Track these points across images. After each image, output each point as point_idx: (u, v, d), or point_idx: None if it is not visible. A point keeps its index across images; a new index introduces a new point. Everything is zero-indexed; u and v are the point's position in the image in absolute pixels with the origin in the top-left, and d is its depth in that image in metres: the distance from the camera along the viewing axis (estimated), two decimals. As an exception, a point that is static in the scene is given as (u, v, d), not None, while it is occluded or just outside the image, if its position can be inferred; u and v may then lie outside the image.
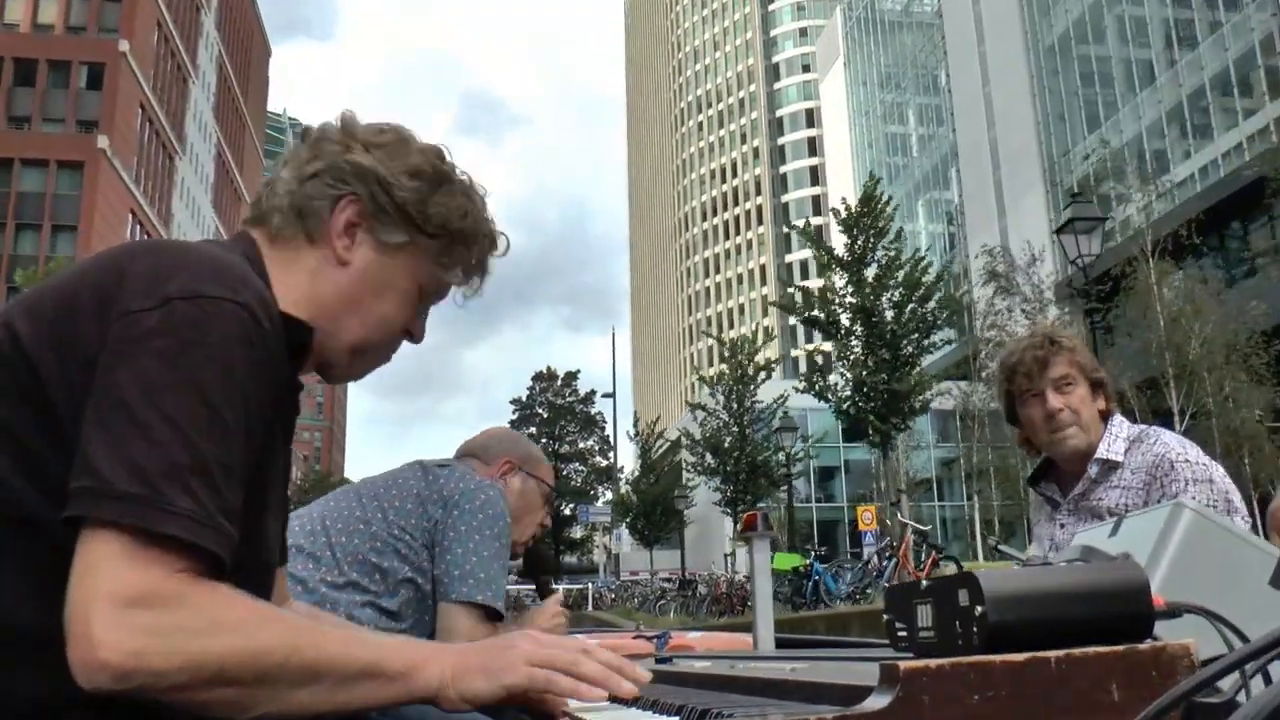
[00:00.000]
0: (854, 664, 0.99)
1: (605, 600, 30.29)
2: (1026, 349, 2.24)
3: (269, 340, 0.93)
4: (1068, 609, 0.79)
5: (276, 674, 0.85)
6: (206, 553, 0.85)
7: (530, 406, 59.21)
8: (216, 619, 0.85)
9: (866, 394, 20.39)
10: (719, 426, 30.40)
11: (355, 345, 1.09)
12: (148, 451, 0.84)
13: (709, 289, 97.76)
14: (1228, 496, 2.05)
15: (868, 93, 62.98)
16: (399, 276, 1.09)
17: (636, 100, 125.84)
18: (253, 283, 0.96)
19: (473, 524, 1.85)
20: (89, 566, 0.82)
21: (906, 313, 20.60)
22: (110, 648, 0.79)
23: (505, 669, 0.91)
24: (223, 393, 0.88)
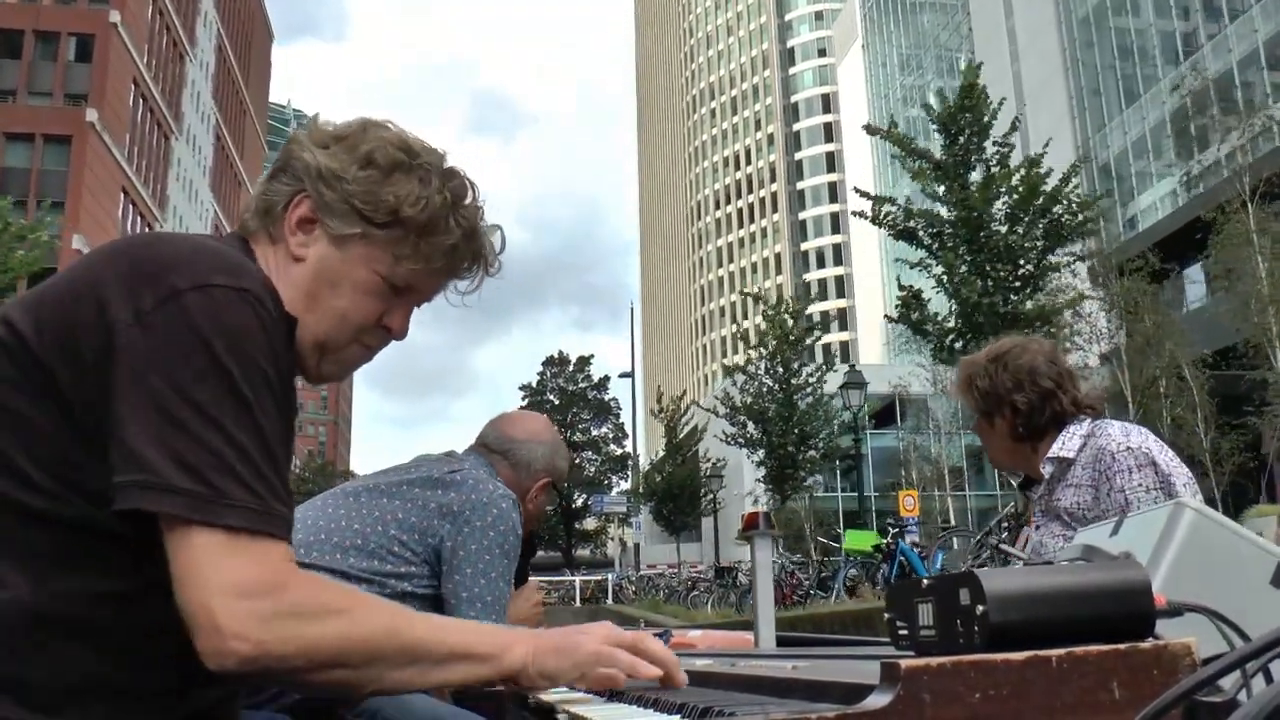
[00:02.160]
0: (855, 662, 1.00)
1: (626, 593, 29.22)
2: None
3: (278, 325, 0.98)
4: (1069, 608, 0.80)
5: (381, 656, 0.93)
6: (278, 540, 0.92)
7: (541, 393, 57.01)
8: (325, 604, 0.93)
9: (978, 323, 16.32)
10: (762, 392, 27.03)
11: (317, 341, 1.11)
12: (192, 447, 0.89)
13: (722, 278, 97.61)
14: (1169, 478, 2.09)
15: (887, 75, 62.68)
16: (353, 269, 1.10)
17: (647, 89, 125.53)
18: (254, 270, 1.01)
19: (484, 543, 1.84)
20: (195, 562, 0.89)
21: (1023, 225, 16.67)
22: (237, 637, 0.87)
23: (576, 648, 1.00)
24: (246, 378, 0.92)
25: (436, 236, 1.12)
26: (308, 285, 1.10)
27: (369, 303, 1.12)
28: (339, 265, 1.10)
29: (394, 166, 1.11)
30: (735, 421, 27.16)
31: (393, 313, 1.14)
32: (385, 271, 1.11)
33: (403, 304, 1.15)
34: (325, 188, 1.09)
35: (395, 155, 1.11)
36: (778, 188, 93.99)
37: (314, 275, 1.10)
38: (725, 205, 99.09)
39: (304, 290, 1.10)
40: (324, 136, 1.12)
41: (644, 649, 1.01)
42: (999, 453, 2.35)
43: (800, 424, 26.47)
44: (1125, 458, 2.11)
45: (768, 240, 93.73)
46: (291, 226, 1.10)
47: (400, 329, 1.16)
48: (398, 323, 1.15)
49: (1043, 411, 2.24)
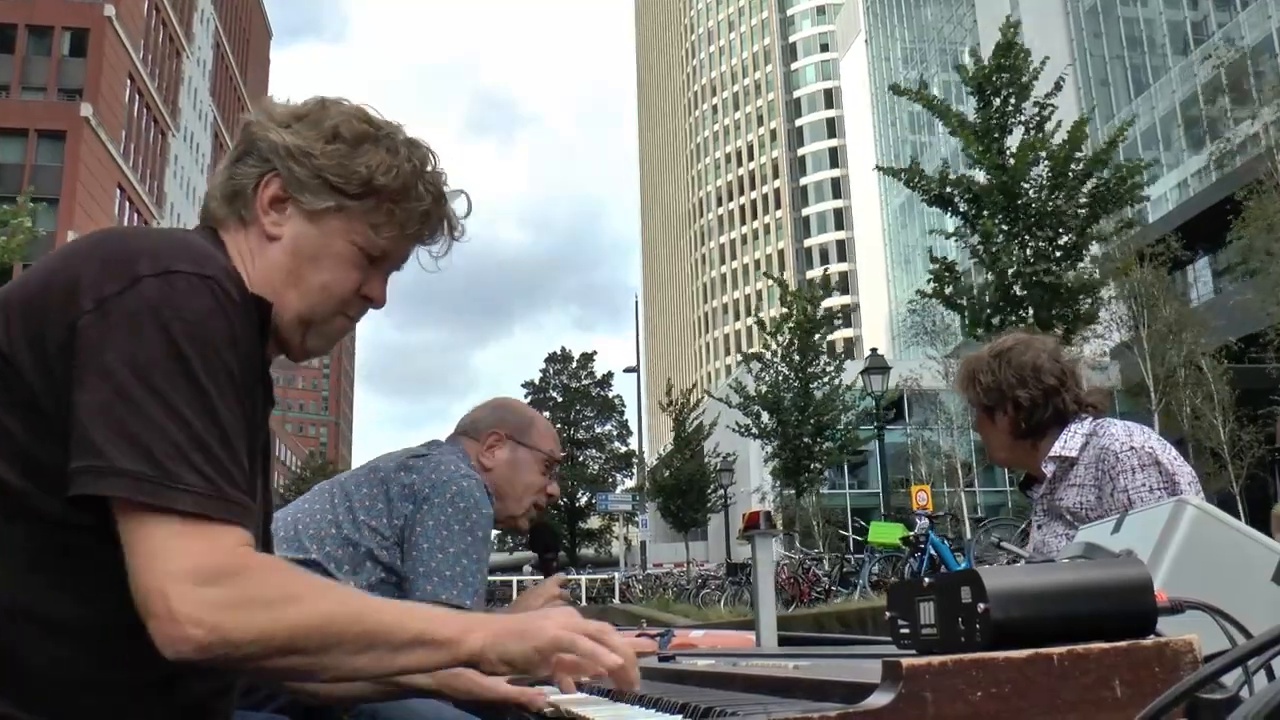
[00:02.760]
0: (857, 661, 1.01)
1: (634, 592, 28.63)
2: None
3: (241, 312, 0.98)
4: (1071, 605, 0.81)
5: (339, 642, 0.93)
6: (232, 525, 0.92)
7: (543, 389, 56.12)
8: (282, 591, 0.93)
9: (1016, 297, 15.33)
10: (778, 381, 26.00)
11: (302, 317, 1.13)
12: (145, 430, 0.89)
13: (724, 276, 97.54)
14: (1174, 478, 2.09)
15: (890, 69, 62.60)
16: (332, 242, 1.12)
17: (648, 85, 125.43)
18: (218, 258, 1.02)
19: (440, 518, 1.85)
20: (147, 548, 0.89)
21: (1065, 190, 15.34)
22: (192, 623, 0.87)
23: (536, 633, 0.99)
24: (205, 365, 0.93)
25: (409, 203, 1.14)
26: (287, 263, 1.11)
27: (349, 274, 1.14)
28: (317, 240, 1.12)
29: (360, 138, 1.13)
30: (749, 411, 26.15)
31: (370, 282, 1.16)
32: (363, 242, 1.13)
33: (379, 273, 1.17)
34: (295, 165, 1.11)
35: (360, 128, 1.13)
36: (780, 184, 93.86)
37: (292, 252, 1.11)
38: (727, 202, 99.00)
39: (284, 268, 1.11)
40: (284, 115, 1.14)
41: (606, 639, 1.00)
42: (999, 449, 2.35)
43: (817, 414, 25.46)
44: (1129, 457, 2.10)
45: (770, 237, 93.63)
46: (264, 206, 1.12)
47: (380, 297, 1.18)
48: (377, 291, 1.17)
49: (1045, 408, 2.24)
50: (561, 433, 54.28)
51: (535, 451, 2.12)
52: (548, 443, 2.16)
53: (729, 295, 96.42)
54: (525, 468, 2.11)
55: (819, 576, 16.74)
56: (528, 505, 2.10)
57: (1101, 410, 2.29)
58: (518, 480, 2.09)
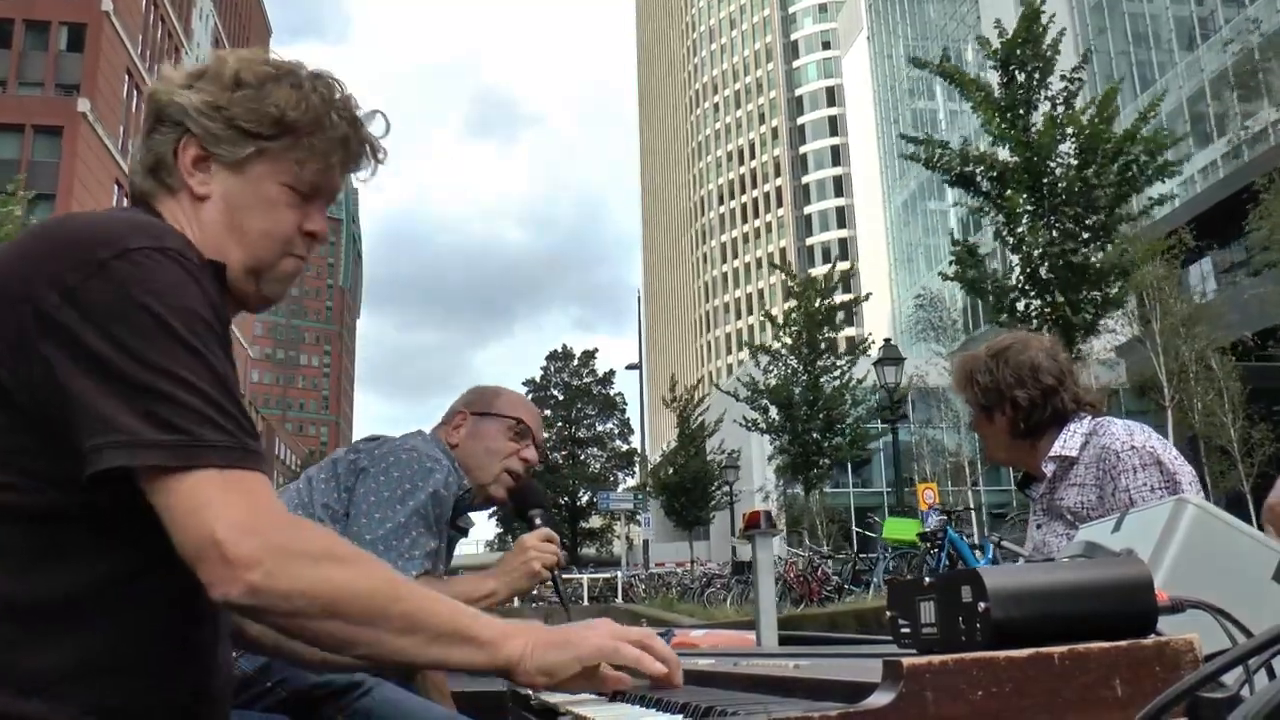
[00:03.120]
0: (857, 660, 1.01)
1: (636, 592, 28.51)
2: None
3: (205, 273, 1.00)
4: (1071, 605, 0.81)
5: (380, 616, 0.93)
6: (260, 473, 0.94)
7: (544, 388, 55.82)
8: (330, 550, 0.94)
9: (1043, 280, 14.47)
10: (787, 375, 25.53)
11: (248, 267, 1.14)
12: (159, 403, 0.91)
13: (725, 274, 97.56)
14: (1175, 477, 2.09)
15: (893, 66, 62.58)
16: (260, 187, 1.14)
17: (649, 84, 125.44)
18: (169, 229, 1.03)
19: (372, 486, 1.88)
20: (192, 504, 0.90)
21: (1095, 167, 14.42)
22: (247, 566, 0.89)
23: (580, 642, 1.00)
24: (189, 328, 0.95)
25: (326, 133, 1.15)
26: (223, 218, 1.13)
27: (286, 214, 1.15)
28: (245, 189, 1.13)
29: (264, 79, 1.14)
30: (757, 405, 25.70)
31: (309, 218, 1.18)
32: (290, 180, 1.15)
33: (315, 207, 1.18)
34: (207, 120, 1.12)
35: (262, 69, 1.15)
36: (782, 182, 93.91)
37: (225, 207, 1.13)
38: (729, 200, 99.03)
39: (221, 224, 1.13)
40: (185, 77, 1.15)
41: (650, 645, 1.01)
42: (998, 449, 2.36)
43: (826, 408, 25.00)
44: (1130, 457, 2.11)
45: (772, 235, 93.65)
46: (187, 169, 1.12)
47: (322, 230, 1.19)
48: (318, 224, 1.18)
49: (1044, 408, 2.24)
50: (562, 431, 54.31)
51: (499, 419, 2.15)
52: (513, 409, 2.18)
53: (730, 294, 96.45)
54: (487, 436, 2.13)
55: (828, 575, 16.50)
56: (496, 472, 2.12)
57: (1100, 409, 2.29)
58: (479, 449, 2.11)
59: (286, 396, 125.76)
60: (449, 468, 2.00)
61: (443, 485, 1.95)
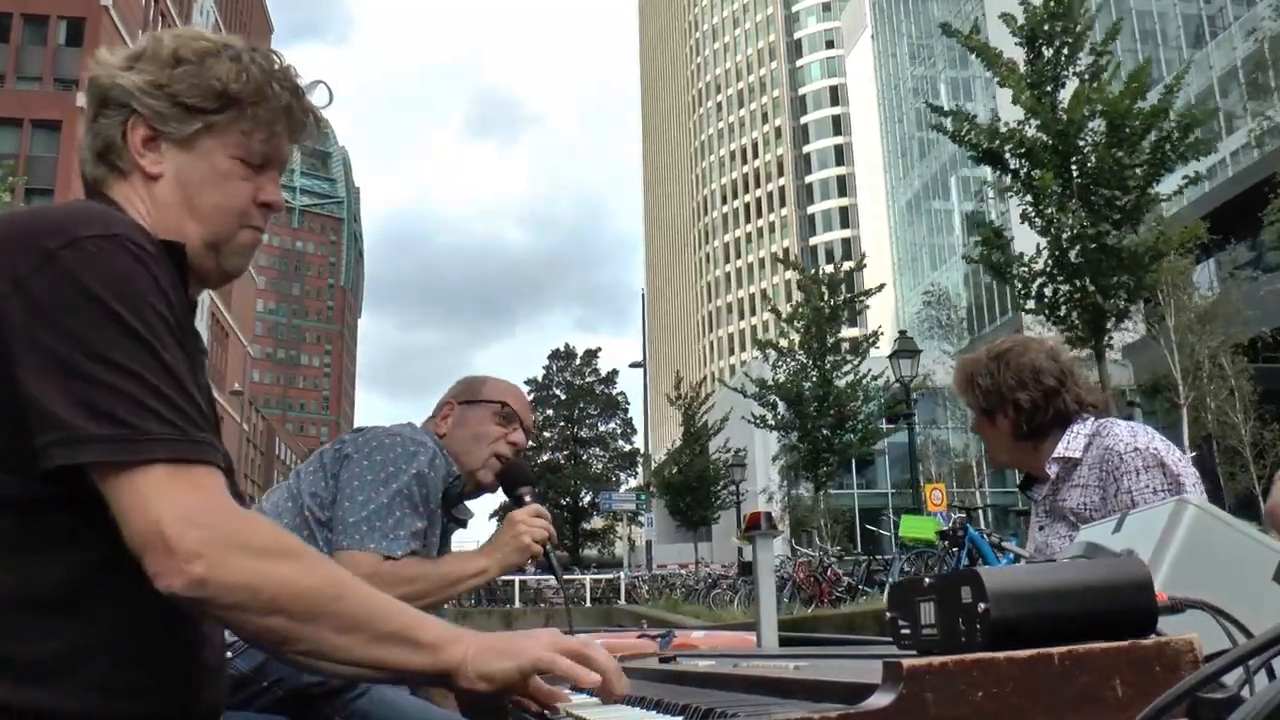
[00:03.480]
0: (857, 662, 1.01)
1: (640, 593, 28.24)
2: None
3: (158, 261, 1.00)
4: (1071, 605, 0.81)
5: (322, 614, 0.94)
6: (210, 465, 0.94)
7: (546, 387, 55.70)
8: (277, 544, 0.94)
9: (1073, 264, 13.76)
10: (796, 370, 24.73)
11: (207, 242, 1.14)
12: (102, 395, 0.91)
13: (729, 274, 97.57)
14: (1179, 480, 2.09)
15: (897, 65, 62.57)
16: (211, 162, 1.14)
17: (652, 83, 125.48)
18: (119, 216, 1.04)
19: (355, 470, 1.89)
20: (138, 497, 0.91)
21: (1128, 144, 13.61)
22: (189, 557, 0.89)
23: (520, 651, 0.99)
24: (139, 318, 0.95)
25: (269, 102, 1.16)
26: (177, 196, 1.13)
27: (239, 187, 1.16)
28: (197, 164, 1.14)
29: (203, 54, 1.15)
30: (765, 402, 24.93)
31: (263, 189, 1.18)
32: (240, 153, 1.15)
33: (267, 178, 1.19)
34: (152, 99, 1.12)
35: (199, 45, 1.16)
36: (785, 181, 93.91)
37: (178, 184, 1.13)
38: (732, 200, 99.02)
39: (176, 202, 1.13)
40: (124, 60, 1.16)
41: (587, 655, 1.00)
42: (1000, 452, 2.36)
43: (838, 403, 24.18)
44: (1133, 458, 2.11)
45: (775, 235, 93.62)
46: (137, 150, 1.13)
47: (277, 200, 1.20)
48: (272, 195, 1.19)
49: (1046, 410, 2.25)
50: (564, 431, 54.08)
51: (485, 404, 2.16)
52: (498, 394, 2.18)
53: (733, 294, 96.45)
54: (474, 422, 2.14)
55: (839, 575, 16.24)
56: (484, 457, 2.12)
57: (1102, 410, 2.29)
58: (466, 435, 2.12)
59: (287, 396, 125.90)
60: (435, 450, 2.00)
61: (427, 466, 1.95)
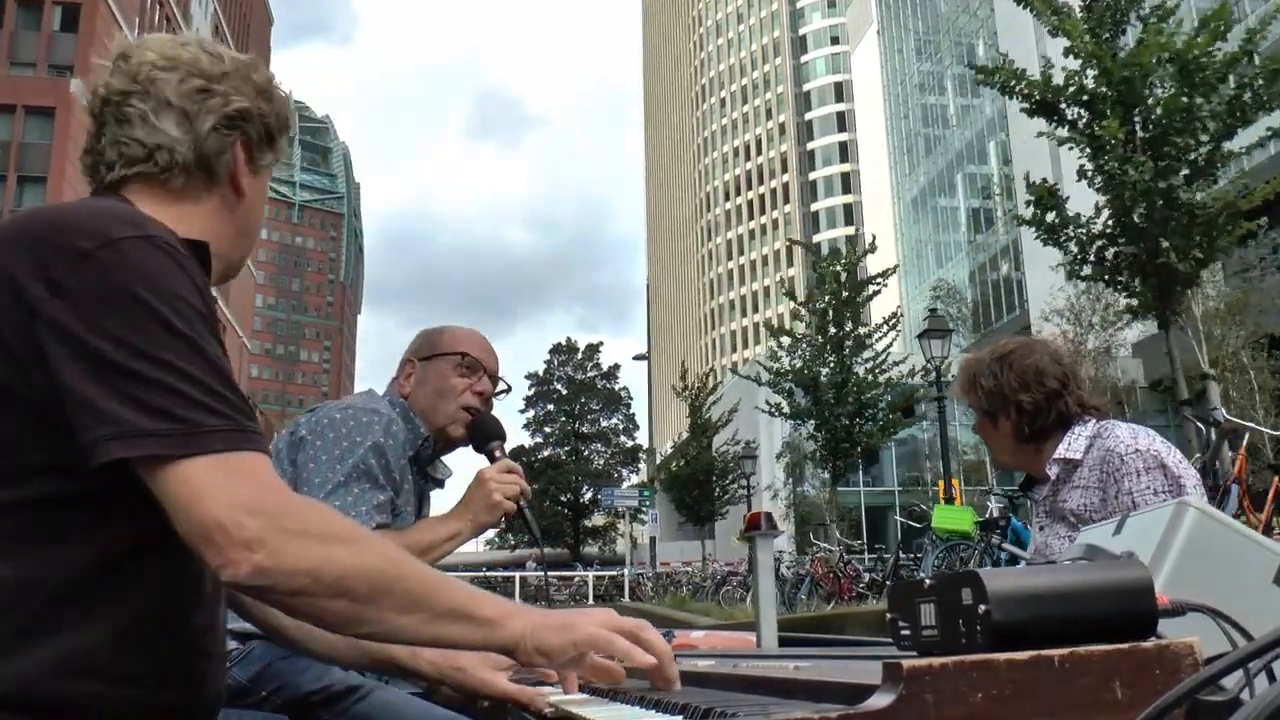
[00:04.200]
0: (857, 662, 1.02)
1: (645, 590, 27.78)
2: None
3: (190, 261, 1.03)
4: (1072, 607, 0.82)
5: (385, 595, 0.95)
6: (260, 453, 0.96)
7: (547, 381, 55.07)
8: (334, 529, 0.96)
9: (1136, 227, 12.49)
10: (812, 356, 23.45)
11: (242, 258, 1.23)
12: (153, 392, 0.93)
13: (732, 271, 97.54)
14: (1179, 481, 2.11)
15: (903, 61, 62.51)
16: (264, 187, 1.24)
17: (655, 79, 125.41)
18: (147, 217, 1.05)
19: (310, 452, 1.88)
20: (194, 489, 0.92)
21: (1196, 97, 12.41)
22: (251, 545, 0.90)
23: (576, 627, 1.01)
24: (178, 315, 0.96)
25: (285, 134, 1.25)
26: (246, 219, 1.22)
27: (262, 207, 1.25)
28: (260, 189, 1.22)
29: (272, 91, 1.22)
30: (780, 389, 23.73)
31: None
32: (271, 178, 1.25)
33: None
34: (254, 127, 1.20)
35: (265, 78, 1.22)
36: (789, 178, 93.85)
37: (250, 208, 1.21)
38: (735, 197, 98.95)
39: (243, 224, 1.21)
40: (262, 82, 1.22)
41: (643, 638, 1.02)
42: (1003, 453, 2.38)
43: (858, 391, 23.00)
44: (1134, 460, 2.13)
45: (779, 232, 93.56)
46: (242, 169, 1.19)
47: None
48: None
49: (1048, 412, 2.26)
50: (565, 426, 53.83)
51: (445, 357, 2.11)
52: (457, 344, 2.13)
53: (736, 291, 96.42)
54: (437, 376, 2.10)
55: (859, 571, 15.61)
56: (452, 411, 2.08)
57: (1104, 412, 2.31)
58: (429, 391, 2.09)
59: (285, 392, 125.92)
60: (389, 417, 1.97)
61: (383, 435, 1.92)
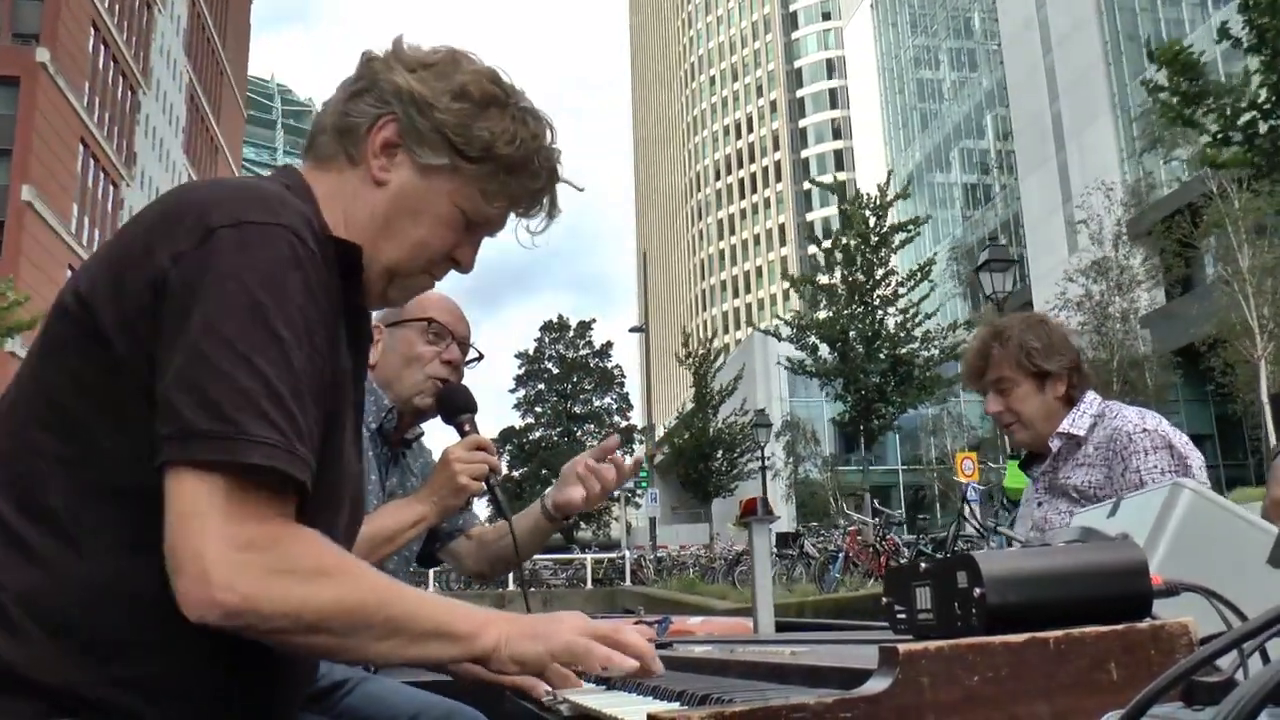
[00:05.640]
0: (854, 647, 1.03)
1: (647, 573, 26.71)
2: (970, 350, 2.40)
3: (317, 260, 0.99)
4: (1066, 589, 0.83)
5: (365, 627, 0.95)
6: (293, 480, 0.93)
7: (538, 360, 53.75)
8: (319, 565, 0.94)
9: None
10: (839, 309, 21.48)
11: (389, 267, 1.13)
12: (218, 385, 0.90)
13: (723, 251, 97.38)
14: (1186, 461, 2.14)
15: (898, 35, 62.29)
16: (436, 200, 1.12)
17: (644, 59, 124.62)
18: (294, 205, 1.02)
19: None
20: (193, 509, 0.90)
21: None
22: (225, 589, 0.88)
23: (552, 635, 1.02)
24: (281, 314, 0.94)
25: (524, 177, 1.15)
26: (386, 211, 1.12)
27: (446, 234, 1.14)
28: (423, 195, 1.12)
29: (489, 101, 1.12)
30: (804, 345, 21.86)
31: (462, 246, 1.17)
32: (468, 207, 1.14)
33: (473, 238, 1.18)
34: (417, 114, 1.10)
35: (489, 89, 1.13)
36: (781, 156, 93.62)
37: (395, 201, 1.12)
38: (726, 176, 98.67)
39: (381, 215, 1.12)
40: (412, 60, 1.13)
41: (620, 640, 1.02)
42: (1041, 420, 2.30)
43: (891, 346, 21.21)
44: (1142, 439, 2.16)
45: (771, 211, 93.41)
46: (375, 149, 1.11)
47: (469, 263, 1.18)
48: (467, 256, 1.18)
49: (1081, 375, 2.30)
50: (557, 406, 53.26)
51: (411, 323, 2.04)
52: (425, 310, 2.03)
53: (728, 271, 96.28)
54: (402, 343, 2.04)
55: (898, 545, 14.43)
56: (418, 380, 2.02)
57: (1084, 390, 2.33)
58: (395, 359, 2.03)
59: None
60: None
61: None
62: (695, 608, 14.38)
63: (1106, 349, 23.96)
